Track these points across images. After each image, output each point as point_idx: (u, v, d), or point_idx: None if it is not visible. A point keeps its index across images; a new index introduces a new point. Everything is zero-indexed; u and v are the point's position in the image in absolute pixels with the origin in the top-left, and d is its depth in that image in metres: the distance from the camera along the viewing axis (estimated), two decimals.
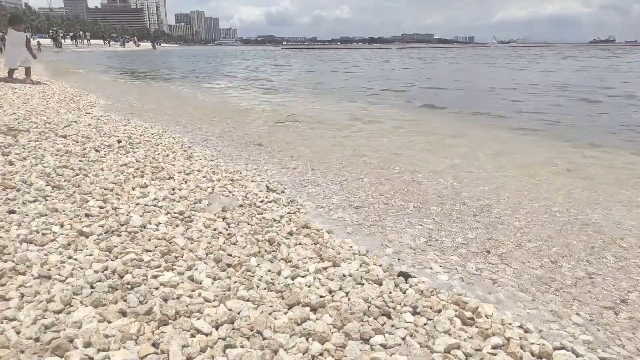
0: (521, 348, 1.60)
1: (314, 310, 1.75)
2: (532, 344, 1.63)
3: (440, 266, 2.30)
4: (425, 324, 1.72)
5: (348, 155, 4.72)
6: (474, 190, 3.56)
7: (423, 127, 6.76)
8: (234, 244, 2.32)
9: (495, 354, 1.55)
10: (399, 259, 2.37)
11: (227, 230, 2.49)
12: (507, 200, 3.34)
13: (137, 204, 2.68)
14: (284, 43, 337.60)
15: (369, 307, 1.77)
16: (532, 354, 1.58)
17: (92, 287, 1.73)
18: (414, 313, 1.79)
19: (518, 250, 2.49)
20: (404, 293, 1.95)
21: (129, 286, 1.77)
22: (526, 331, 1.73)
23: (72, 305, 1.61)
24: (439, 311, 1.81)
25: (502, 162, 4.61)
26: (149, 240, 2.21)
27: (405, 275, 2.11)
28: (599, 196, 3.49)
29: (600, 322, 1.86)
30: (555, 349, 1.62)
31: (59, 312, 1.57)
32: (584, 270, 2.28)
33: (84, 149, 3.85)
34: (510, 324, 1.76)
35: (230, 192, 3.19)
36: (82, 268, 1.87)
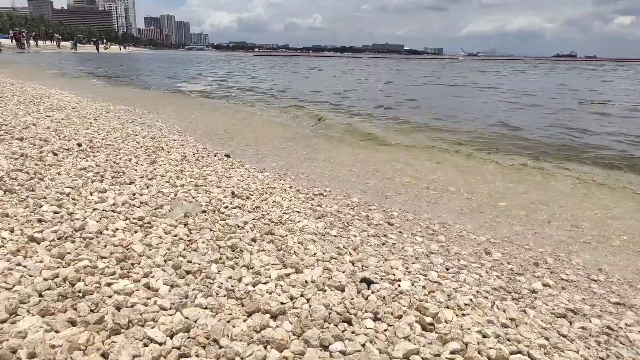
0: (479, 353, 1.62)
1: (274, 317, 1.72)
2: (490, 348, 1.65)
3: None
4: (385, 330, 1.72)
5: None
6: None
7: None
8: (195, 250, 2.27)
9: (453, 359, 1.56)
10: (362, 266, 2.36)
11: (188, 236, 2.43)
12: None
13: (95, 209, 2.58)
14: (256, 50, 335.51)
15: (329, 313, 1.75)
16: (489, 359, 1.60)
17: (40, 296, 1.65)
18: (375, 319, 1.78)
19: None
20: (366, 299, 1.95)
21: (80, 294, 1.69)
22: (484, 336, 1.75)
23: (17, 315, 1.53)
24: (400, 317, 1.81)
25: None
26: (105, 246, 2.13)
27: (368, 282, 2.11)
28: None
29: None
30: (511, 353, 1.65)
31: (3, 321, 1.49)
32: None
33: (42, 152, 3.70)
34: (469, 329, 1.78)
35: (193, 197, 3.12)
36: (31, 275, 1.78)
